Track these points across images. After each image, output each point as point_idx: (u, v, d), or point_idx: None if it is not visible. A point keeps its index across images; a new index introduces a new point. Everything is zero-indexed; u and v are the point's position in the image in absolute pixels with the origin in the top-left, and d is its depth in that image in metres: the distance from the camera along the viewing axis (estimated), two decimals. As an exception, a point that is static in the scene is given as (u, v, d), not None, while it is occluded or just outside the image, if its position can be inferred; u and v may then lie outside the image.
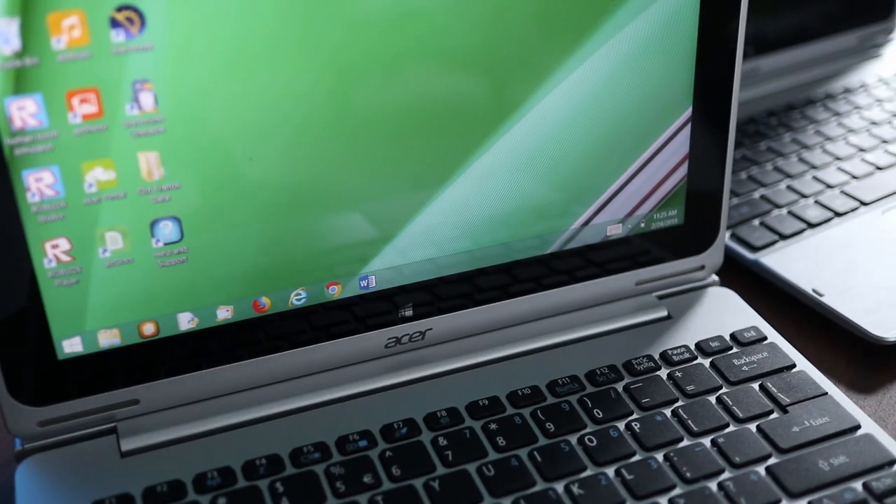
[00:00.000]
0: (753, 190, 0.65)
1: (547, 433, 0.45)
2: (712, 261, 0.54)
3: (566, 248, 0.50)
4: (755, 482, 0.42)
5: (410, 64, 0.43)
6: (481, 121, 0.46)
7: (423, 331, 0.49)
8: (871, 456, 0.44)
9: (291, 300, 0.46)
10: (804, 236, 0.61)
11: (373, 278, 0.47)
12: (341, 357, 0.48)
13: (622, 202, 0.50)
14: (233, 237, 0.43)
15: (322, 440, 0.44)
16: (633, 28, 0.46)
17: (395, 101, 0.44)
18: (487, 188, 0.47)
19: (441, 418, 0.45)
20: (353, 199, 0.45)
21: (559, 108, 0.47)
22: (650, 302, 0.53)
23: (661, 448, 0.44)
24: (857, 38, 0.85)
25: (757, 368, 0.49)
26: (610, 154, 0.49)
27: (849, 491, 0.42)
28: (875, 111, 0.76)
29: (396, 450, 0.44)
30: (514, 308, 0.50)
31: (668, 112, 0.49)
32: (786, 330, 0.55)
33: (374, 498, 0.41)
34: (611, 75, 0.47)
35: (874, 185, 0.66)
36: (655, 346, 0.50)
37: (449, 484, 0.42)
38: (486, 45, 0.44)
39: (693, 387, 0.47)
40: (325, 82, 0.42)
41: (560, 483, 0.42)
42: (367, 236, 0.46)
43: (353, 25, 0.41)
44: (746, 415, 0.46)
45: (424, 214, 0.46)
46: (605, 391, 0.47)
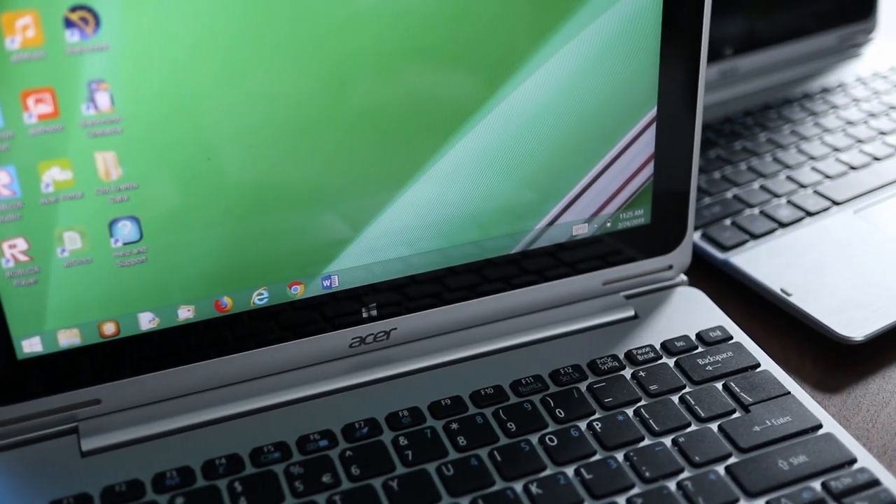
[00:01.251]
0: (726, 190, 0.65)
1: (508, 433, 0.45)
2: (680, 260, 0.54)
3: (532, 248, 0.50)
4: (714, 482, 0.42)
5: (371, 63, 0.43)
6: (443, 120, 0.46)
7: (388, 330, 0.49)
8: (831, 455, 0.44)
9: (253, 300, 0.46)
10: (775, 236, 0.61)
11: (336, 278, 0.47)
12: (305, 357, 0.48)
13: (588, 202, 0.50)
14: (193, 237, 0.43)
15: (283, 440, 0.44)
16: (595, 27, 0.46)
17: (357, 101, 0.44)
18: (450, 188, 0.47)
19: (403, 418, 0.45)
20: (314, 200, 0.45)
21: (522, 108, 0.47)
22: (617, 302, 0.53)
23: (622, 448, 0.44)
24: (837, 38, 0.85)
25: (721, 368, 0.49)
26: (574, 153, 0.49)
27: (807, 490, 0.42)
28: (852, 111, 0.76)
29: (357, 449, 0.44)
30: (480, 308, 0.50)
31: (633, 112, 0.49)
32: (754, 329, 0.55)
33: (332, 497, 0.41)
34: (574, 75, 0.47)
35: (847, 185, 0.66)
36: (621, 346, 0.50)
37: (408, 483, 0.42)
38: (447, 44, 0.44)
39: (656, 386, 0.47)
40: (284, 82, 0.42)
41: (519, 482, 0.42)
42: (329, 236, 0.46)
43: (312, 24, 0.41)
44: (708, 414, 0.46)
45: (387, 214, 0.46)
46: (567, 391, 0.47)
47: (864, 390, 0.51)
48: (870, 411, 0.50)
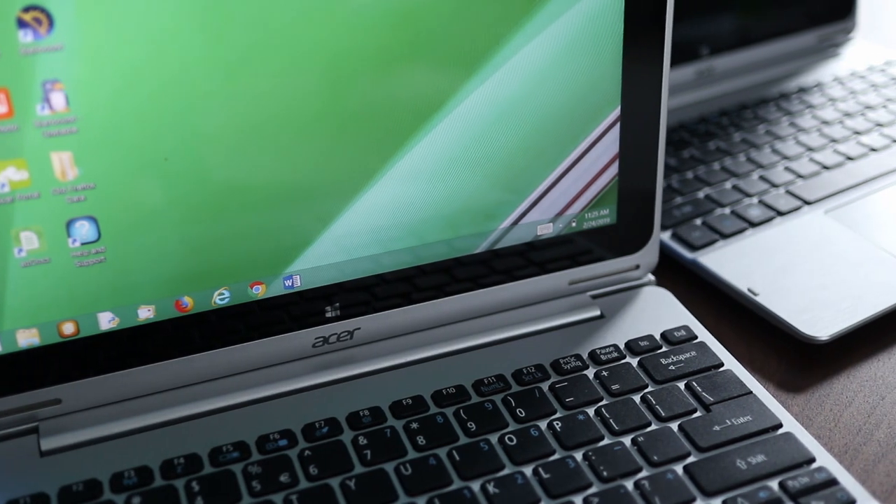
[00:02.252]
0: (698, 189, 0.65)
1: (468, 432, 0.45)
2: (647, 260, 0.54)
3: (496, 248, 0.50)
4: (671, 481, 0.42)
5: (330, 63, 0.43)
6: (404, 120, 0.46)
7: (352, 330, 0.49)
8: (789, 455, 0.44)
9: (214, 300, 0.46)
10: (745, 236, 0.61)
11: (298, 278, 0.47)
12: (268, 356, 0.48)
13: (552, 201, 0.50)
14: (152, 237, 0.43)
15: (243, 439, 0.44)
16: (556, 27, 0.47)
17: (316, 101, 0.44)
18: (412, 188, 0.47)
19: (363, 417, 0.46)
20: (274, 200, 0.45)
21: (484, 107, 0.47)
22: (583, 301, 0.53)
23: (581, 447, 0.44)
24: (816, 38, 0.85)
25: (684, 368, 0.49)
26: (538, 153, 0.49)
27: (764, 490, 0.42)
28: (828, 111, 0.76)
29: (316, 449, 0.44)
30: (444, 307, 0.50)
31: (596, 111, 0.49)
32: (721, 329, 0.55)
33: (288, 497, 0.41)
34: (536, 74, 0.47)
35: (819, 185, 0.66)
36: (585, 346, 0.50)
37: (365, 483, 0.42)
38: (408, 43, 0.44)
39: (618, 386, 0.47)
40: (241, 83, 0.42)
41: (476, 482, 0.42)
42: (290, 236, 0.46)
43: (266, 25, 0.41)
44: (669, 414, 0.46)
45: (349, 215, 0.46)
46: (529, 390, 0.47)
47: (829, 390, 0.51)
48: (833, 411, 0.50)
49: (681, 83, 0.77)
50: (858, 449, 0.47)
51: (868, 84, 0.80)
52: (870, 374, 0.52)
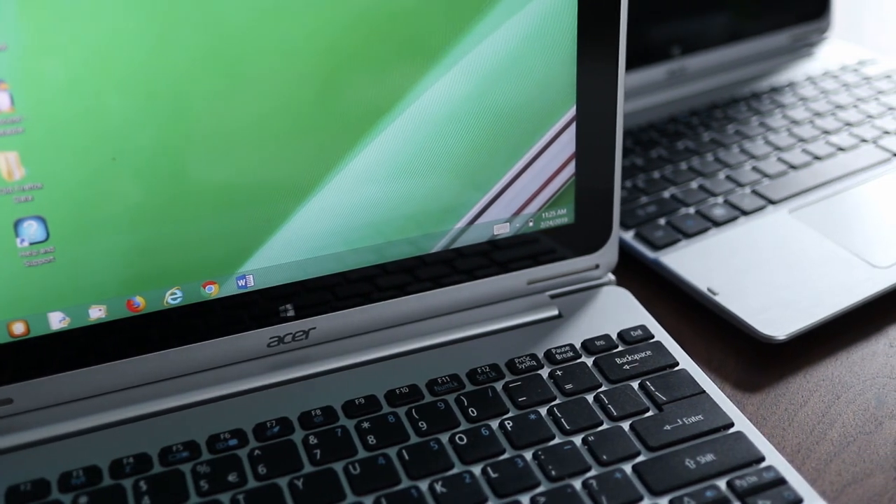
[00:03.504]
0: (664, 189, 0.65)
1: (419, 432, 0.45)
2: (606, 260, 0.54)
3: (452, 248, 0.50)
4: (619, 480, 0.42)
5: (280, 63, 0.43)
6: (356, 120, 0.46)
7: (307, 330, 0.49)
8: (739, 454, 0.44)
9: (166, 300, 0.46)
10: (708, 235, 0.61)
11: (251, 277, 0.47)
12: (222, 356, 0.48)
13: (508, 201, 0.50)
14: (102, 236, 0.43)
15: (193, 439, 0.44)
16: (509, 26, 0.47)
17: (266, 101, 0.44)
18: (366, 188, 0.47)
19: (315, 417, 0.46)
20: (225, 200, 0.45)
21: (436, 107, 0.47)
22: (542, 301, 0.53)
23: (531, 447, 0.44)
24: (790, 38, 0.85)
25: (639, 367, 0.49)
26: (492, 153, 0.49)
27: (711, 489, 0.42)
28: (798, 111, 0.76)
29: (266, 448, 0.44)
30: (400, 307, 0.50)
31: (551, 111, 0.49)
32: (681, 329, 0.55)
33: (235, 497, 0.41)
34: (488, 73, 0.47)
35: (785, 185, 0.66)
36: (541, 346, 0.50)
37: (313, 482, 0.42)
38: (359, 42, 0.44)
39: (571, 385, 0.47)
40: (190, 83, 0.42)
41: (424, 481, 0.42)
42: (242, 236, 0.46)
43: (216, 25, 0.41)
44: (621, 413, 0.46)
45: (302, 215, 0.46)
46: (483, 390, 0.47)
47: (785, 389, 0.51)
48: (788, 410, 0.50)
49: (652, 83, 0.77)
50: (811, 448, 0.47)
51: (840, 84, 0.80)
52: (826, 373, 0.52)
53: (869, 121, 0.74)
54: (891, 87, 0.79)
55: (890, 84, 0.80)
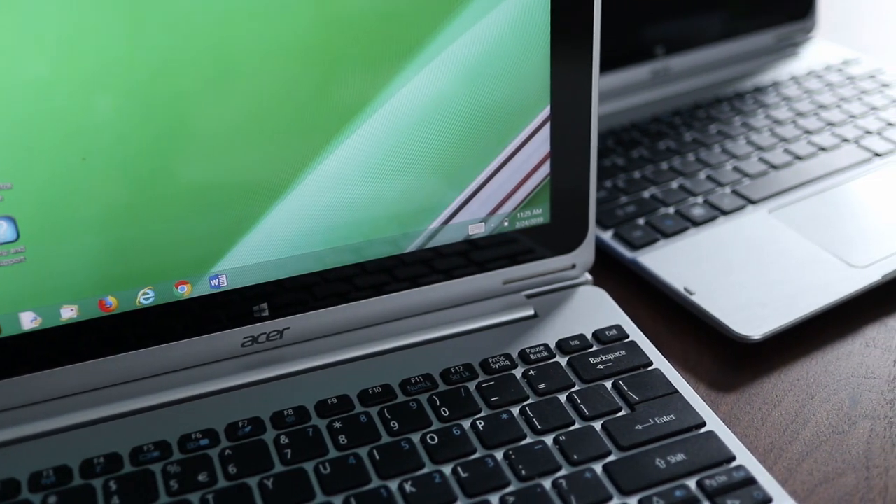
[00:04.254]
0: (644, 189, 0.65)
1: (391, 431, 0.45)
2: (583, 260, 0.54)
3: (427, 247, 0.50)
4: (589, 479, 0.42)
5: (252, 62, 0.43)
6: (329, 120, 0.46)
7: (281, 330, 0.49)
8: (709, 454, 0.44)
9: (139, 300, 0.46)
10: (687, 235, 0.61)
11: (224, 277, 0.47)
12: (195, 356, 0.48)
13: (483, 201, 0.50)
14: (73, 236, 0.43)
15: (165, 439, 0.44)
16: (481, 26, 0.47)
17: (238, 101, 0.44)
18: (339, 187, 0.47)
19: (287, 417, 0.46)
20: (197, 200, 0.45)
21: (410, 107, 0.47)
22: (518, 301, 0.53)
23: (502, 446, 0.44)
24: (775, 38, 0.85)
25: (612, 367, 0.49)
26: (466, 152, 0.49)
27: (681, 488, 0.42)
28: (781, 110, 0.76)
29: (237, 448, 0.44)
30: (375, 307, 0.50)
31: (525, 111, 0.49)
32: (657, 328, 0.55)
33: (205, 496, 0.41)
34: (461, 73, 0.47)
35: (766, 184, 0.66)
36: (516, 345, 0.50)
37: (283, 482, 0.42)
38: (331, 42, 0.44)
39: (544, 385, 0.48)
40: (160, 82, 0.42)
41: (394, 481, 0.42)
42: (214, 236, 0.46)
43: (185, 25, 0.41)
44: (593, 413, 0.46)
45: (275, 214, 0.46)
46: (455, 390, 0.47)
47: (759, 389, 0.51)
48: (761, 410, 0.50)
49: (636, 83, 0.77)
50: (784, 448, 0.47)
51: (824, 83, 0.80)
52: (802, 373, 0.52)
53: (851, 120, 0.74)
54: (874, 87, 0.79)
55: (873, 84, 0.80)
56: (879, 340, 0.54)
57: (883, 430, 0.48)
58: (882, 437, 0.48)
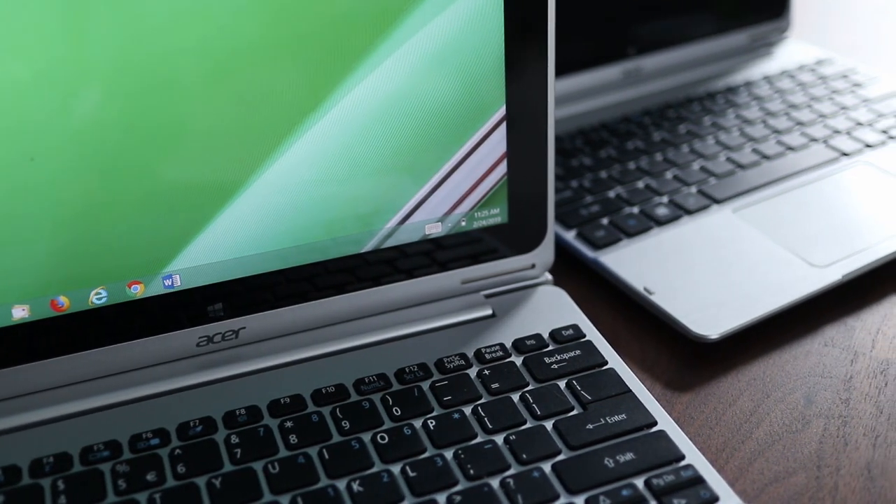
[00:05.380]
0: (610, 188, 0.65)
1: (342, 431, 0.45)
2: (542, 259, 0.54)
3: (384, 247, 0.50)
4: (537, 479, 0.42)
5: (203, 62, 0.43)
6: (281, 121, 0.46)
7: (237, 329, 0.49)
8: (658, 453, 0.44)
9: (91, 299, 0.46)
10: (650, 235, 0.61)
11: (177, 277, 0.47)
12: (150, 355, 0.48)
13: (439, 201, 0.50)
14: (22, 236, 0.43)
15: (116, 438, 0.44)
16: (434, 25, 0.47)
17: (189, 102, 0.44)
18: (292, 188, 0.47)
19: (239, 416, 0.46)
20: (148, 200, 0.45)
21: (363, 106, 0.47)
22: (476, 301, 0.53)
23: (452, 445, 0.44)
24: (748, 38, 0.85)
25: (567, 367, 0.49)
26: (421, 152, 0.49)
27: (628, 487, 0.42)
28: (752, 110, 0.76)
29: (187, 448, 0.44)
30: (332, 307, 0.51)
31: (480, 110, 0.49)
32: (617, 328, 0.55)
33: (152, 496, 0.42)
34: (415, 73, 0.47)
35: (732, 184, 0.66)
36: (472, 345, 0.50)
37: (231, 481, 0.42)
38: (282, 42, 0.44)
39: (498, 384, 0.48)
40: (110, 82, 0.42)
41: (342, 480, 0.42)
42: (166, 236, 0.46)
43: (135, 23, 0.42)
44: (545, 412, 0.46)
45: (227, 215, 0.46)
46: (409, 389, 0.47)
47: (715, 388, 0.51)
48: (716, 409, 0.50)
49: (607, 83, 0.77)
50: (736, 447, 0.47)
51: (796, 83, 0.80)
52: (758, 372, 0.52)
53: (821, 120, 0.74)
54: (846, 87, 0.79)
55: (845, 84, 0.80)
56: (838, 340, 0.54)
57: (836, 429, 0.48)
58: (835, 436, 0.48)
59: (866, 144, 0.70)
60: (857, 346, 0.53)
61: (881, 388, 0.51)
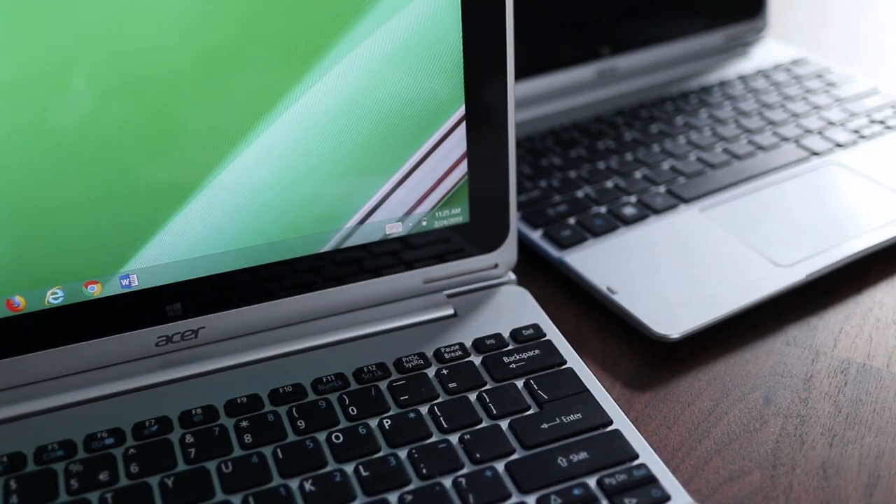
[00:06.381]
0: (579, 188, 0.65)
1: (297, 430, 0.45)
2: (506, 259, 0.54)
3: (344, 247, 0.50)
4: (489, 478, 0.42)
5: (156, 65, 0.43)
6: (237, 121, 0.46)
7: (196, 329, 0.49)
8: (612, 453, 0.44)
9: (48, 299, 0.46)
10: (616, 234, 0.61)
11: (135, 277, 0.47)
12: (108, 355, 0.48)
13: (399, 200, 0.50)
14: (-23, 236, 0.43)
15: (71, 438, 0.44)
16: (390, 26, 0.47)
17: (144, 103, 0.44)
18: (249, 188, 0.47)
19: (195, 416, 0.46)
20: (103, 201, 0.45)
21: (320, 107, 0.47)
22: (438, 300, 0.53)
23: (406, 445, 0.44)
24: (724, 37, 0.85)
25: (525, 366, 0.49)
26: (380, 152, 0.49)
27: (579, 487, 0.42)
28: (725, 110, 0.76)
29: (141, 447, 0.44)
30: (292, 306, 0.51)
31: (439, 110, 0.49)
32: (580, 328, 0.55)
33: (104, 495, 0.42)
34: (372, 73, 0.47)
35: (700, 184, 0.66)
36: (432, 344, 0.50)
37: (184, 481, 0.42)
38: (233, 45, 0.44)
39: (455, 384, 0.48)
40: (59, 82, 0.42)
41: (295, 480, 0.42)
42: (123, 236, 0.46)
43: (78, 25, 0.42)
44: (501, 412, 0.46)
45: (184, 214, 0.46)
46: (366, 389, 0.47)
47: (675, 388, 0.51)
48: (674, 409, 0.50)
49: (580, 83, 0.77)
50: (693, 446, 0.47)
51: (770, 83, 0.80)
52: (719, 371, 0.52)
53: (794, 120, 0.74)
54: (820, 87, 0.79)
55: (820, 83, 0.80)
56: (800, 339, 0.54)
57: (794, 428, 0.48)
58: (792, 435, 0.48)
59: (837, 144, 0.70)
60: (818, 346, 0.54)
61: (841, 388, 0.51)
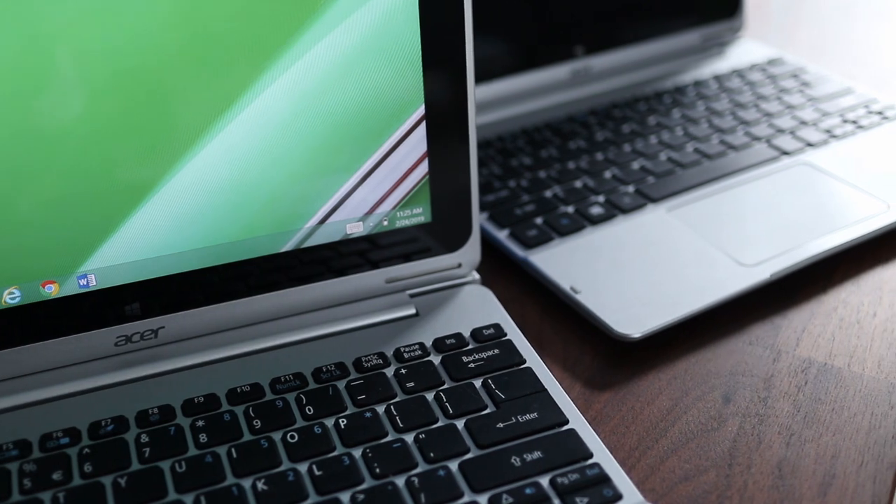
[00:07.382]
0: (547, 188, 0.65)
1: (253, 430, 0.45)
2: (469, 258, 0.54)
3: (304, 247, 0.50)
4: (442, 477, 0.43)
5: (112, 64, 0.43)
6: (194, 120, 0.46)
7: (156, 329, 0.49)
8: (566, 452, 0.44)
9: (4, 299, 0.46)
10: (582, 234, 0.61)
11: (93, 277, 0.47)
12: (68, 355, 0.48)
13: (360, 200, 0.51)
14: (-69, 236, 0.43)
15: (25, 437, 0.44)
16: (347, 26, 0.47)
17: (100, 103, 0.44)
18: (208, 186, 0.47)
19: (152, 415, 0.46)
20: (58, 201, 0.45)
21: (277, 107, 0.47)
22: (400, 300, 0.53)
23: (361, 444, 0.44)
24: (701, 37, 0.85)
25: (484, 366, 0.49)
26: (339, 152, 0.49)
27: (532, 486, 0.42)
28: (698, 109, 0.76)
29: (96, 447, 0.44)
30: (252, 306, 0.51)
31: (399, 110, 0.49)
32: (543, 327, 0.55)
33: (56, 495, 0.42)
34: (329, 73, 0.47)
35: (669, 183, 0.66)
36: (392, 344, 0.50)
37: (137, 480, 0.42)
38: (188, 44, 0.44)
39: (413, 383, 0.48)
40: (18, 84, 0.42)
41: (248, 479, 0.43)
42: (80, 236, 0.46)
43: (36, 22, 0.42)
44: (458, 411, 0.46)
45: (142, 214, 0.46)
46: (324, 388, 0.47)
47: (635, 387, 0.51)
48: (633, 408, 0.50)
49: (554, 83, 0.77)
50: (650, 446, 0.47)
51: (745, 82, 0.80)
52: (679, 371, 0.52)
53: (766, 119, 0.74)
54: (794, 86, 0.80)
55: (794, 83, 0.80)
56: (763, 339, 0.54)
57: (752, 427, 0.48)
58: (749, 434, 0.48)
59: (808, 143, 0.71)
60: (780, 345, 0.54)
61: (801, 387, 0.51)
